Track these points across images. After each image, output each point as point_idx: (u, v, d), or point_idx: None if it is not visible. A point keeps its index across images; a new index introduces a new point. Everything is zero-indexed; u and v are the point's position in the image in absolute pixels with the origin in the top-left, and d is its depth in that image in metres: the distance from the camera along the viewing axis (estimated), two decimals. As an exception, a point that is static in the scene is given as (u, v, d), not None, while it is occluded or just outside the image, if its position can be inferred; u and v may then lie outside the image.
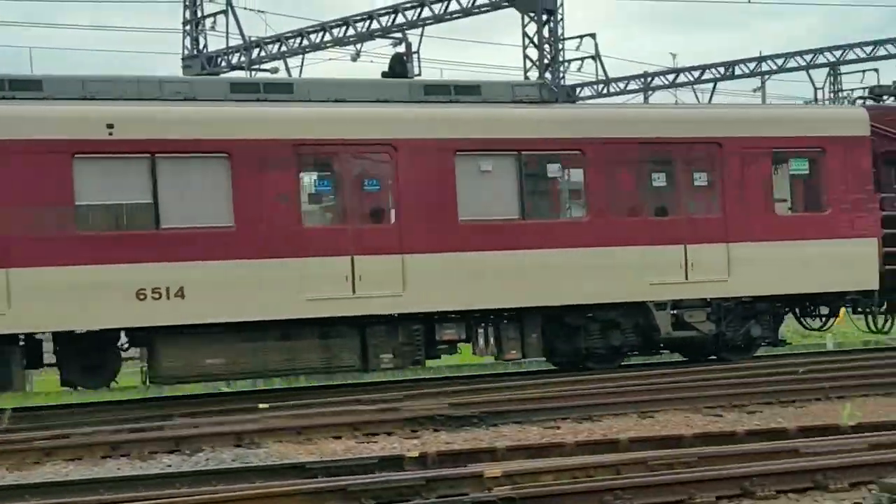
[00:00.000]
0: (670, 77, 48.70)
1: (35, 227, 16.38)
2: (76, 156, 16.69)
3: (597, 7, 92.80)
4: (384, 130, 18.29)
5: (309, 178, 18.69)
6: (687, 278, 19.65)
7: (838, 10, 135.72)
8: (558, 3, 35.10)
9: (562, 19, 35.65)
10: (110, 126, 16.86)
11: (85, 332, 17.10)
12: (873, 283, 20.87)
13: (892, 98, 23.38)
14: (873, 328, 21.97)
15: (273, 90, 18.58)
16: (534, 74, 34.34)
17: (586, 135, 19.37)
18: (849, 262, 20.64)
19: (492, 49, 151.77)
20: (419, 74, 25.30)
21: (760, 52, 48.23)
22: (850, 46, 45.99)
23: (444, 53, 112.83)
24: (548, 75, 34.23)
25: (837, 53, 46.47)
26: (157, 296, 16.82)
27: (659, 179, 20.02)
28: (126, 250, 16.75)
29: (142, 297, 16.75)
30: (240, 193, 17.34)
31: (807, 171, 21.03)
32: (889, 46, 44.30)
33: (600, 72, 39.63)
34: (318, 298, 17.53)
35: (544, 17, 34.69)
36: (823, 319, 21.71)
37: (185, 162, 17.32)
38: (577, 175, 19.82)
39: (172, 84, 18.32)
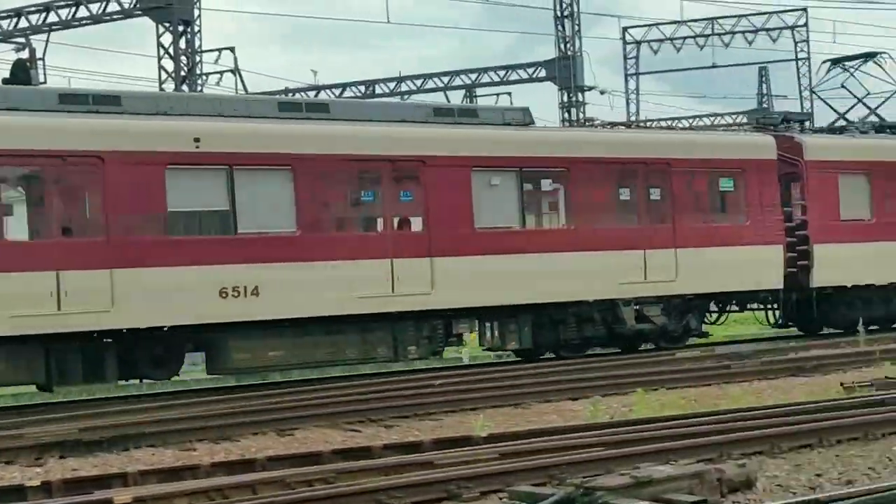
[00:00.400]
0: (311, 93, 49.04)
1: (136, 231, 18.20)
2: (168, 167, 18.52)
3: (236, 22, 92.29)
4: (415, 147, 20.87)
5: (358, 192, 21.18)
6: (646, 279, 23.07)
7: (474, 34, 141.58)
8: (195, 14, 34.52)
9: (199, 31, 35.03)
10: (196, 140, 18.70)
11: (163, 328, 18.60)
12: (780, 283, 24.77)
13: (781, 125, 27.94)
14: (771, 322, 27.27)
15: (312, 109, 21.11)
16: (170, 86, 33.56)
17: (571, 154, 22.64)
18: (762, 265, 24.44)
19: (126, 59, 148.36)
20: (44, 82, 24.11)
21: (400, 73, 49.56)
22: (485, 70, 48.07)
23: (78, 62, 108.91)
24: (185, 87, 33.54)
25: (473, 76, 48.43)
26: (236, 294, 18.69)
27: (624, 194, 23.25)
28: (209, 253, 18.78)
29: (224, 295, 18.63)
30: (302, 202, 19.64)
31: (732, 188, 24.68)
32: (520, 71, 46.65)
33: (240, 86, 39.24)
34: (367, 297, 19.85)
35: (181, 28, 34.03)
36: (720, 314, 25.70)
37: (256, 173, 19.39)
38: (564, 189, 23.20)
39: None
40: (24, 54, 28.12)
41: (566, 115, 44.24)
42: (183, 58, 34.02)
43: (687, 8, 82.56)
